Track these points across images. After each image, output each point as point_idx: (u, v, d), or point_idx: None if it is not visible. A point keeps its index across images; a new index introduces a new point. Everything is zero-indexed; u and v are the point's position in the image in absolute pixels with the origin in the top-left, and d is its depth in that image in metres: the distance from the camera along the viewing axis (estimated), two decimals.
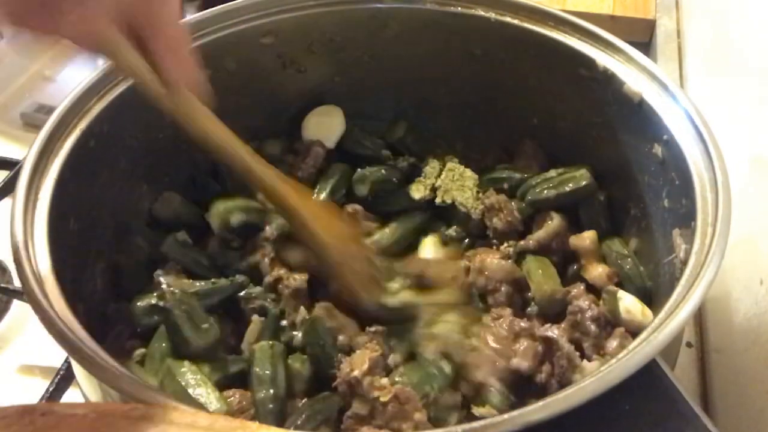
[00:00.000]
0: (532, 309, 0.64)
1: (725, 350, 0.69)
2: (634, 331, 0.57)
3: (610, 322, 0.59)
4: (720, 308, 0.69)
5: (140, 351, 0.58)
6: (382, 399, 0.51)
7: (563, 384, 0.55)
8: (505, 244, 0.67)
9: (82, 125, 0.57)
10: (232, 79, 0.68)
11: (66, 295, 0.47)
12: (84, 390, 0.51)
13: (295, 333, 0.60)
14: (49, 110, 0.96)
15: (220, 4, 0.65)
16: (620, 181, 0.65)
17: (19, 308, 0.75)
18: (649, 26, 1.03)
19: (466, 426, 0.40)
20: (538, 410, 0.40)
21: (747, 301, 0.65)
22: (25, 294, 0.47)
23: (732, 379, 0.66)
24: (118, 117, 0.60)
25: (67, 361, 0.67)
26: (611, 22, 1.02)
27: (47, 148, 0.55)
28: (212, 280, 0.62)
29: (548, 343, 0.57)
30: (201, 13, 0.64)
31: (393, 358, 0.57)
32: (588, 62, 0.63)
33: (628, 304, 0.59)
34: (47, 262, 0.49)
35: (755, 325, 0.62)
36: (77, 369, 0.51)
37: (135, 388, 0.42)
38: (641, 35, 1.02)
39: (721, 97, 0.79)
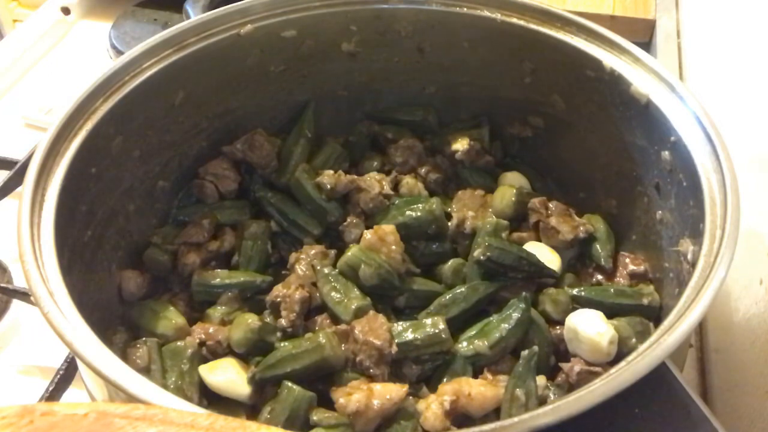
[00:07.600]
0: None
1: (725, 350, 0.69)
2: None
3: None
4: (720, 308, 0.69)
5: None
6: None
7: None
8: None
9: (89, 126, 0.56)
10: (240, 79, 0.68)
11: (72, 296, 0.47)
12: (90, 390, 0.51)
13: None
14: (49, 110, 0.97)
15: (225, 5, 0.65)
16: (627, 183, 0.65)
17: (19, 308, 0.75)
18: (649, 26, 1.03)
19: (475, 429, 0.40)
20: (546, 414, 0.40)
21: (747, 301, 0.65)
22: (31, 294, 0.47)
23: (732, 379, 0.66)
24: (124, 118, 0.60)
25: (66, 360, 0.67)
26: (611, 21, 1.01)
27: (53, 149, 0.54)
28: None
29: None
30: (208, 13, 0.64)
31: None
32: (594, 63, 0.62)
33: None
34: (54, 262, 0.49)
35: (755, 325, 0.62)
36: (83, 369, 0.51)
37: (140, 388, 0.42)
38: (641, 35, 1.02)
39: (721, 97, 0.79)
